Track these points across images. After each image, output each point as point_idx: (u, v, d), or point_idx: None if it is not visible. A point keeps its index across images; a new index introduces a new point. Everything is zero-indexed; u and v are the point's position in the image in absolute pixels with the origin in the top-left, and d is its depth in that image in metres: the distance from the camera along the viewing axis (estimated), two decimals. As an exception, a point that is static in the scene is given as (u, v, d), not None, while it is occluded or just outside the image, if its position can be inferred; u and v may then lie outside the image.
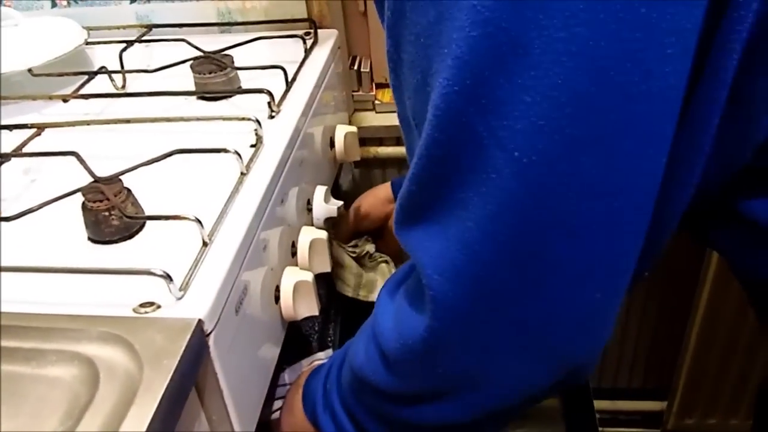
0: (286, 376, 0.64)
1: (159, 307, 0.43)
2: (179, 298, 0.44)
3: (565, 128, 0.31)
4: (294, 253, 0.63)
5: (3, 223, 0.52)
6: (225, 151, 0.56)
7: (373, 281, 0.82)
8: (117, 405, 0.36)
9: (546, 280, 0.35)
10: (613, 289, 0.37)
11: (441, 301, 0.37)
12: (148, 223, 0.52)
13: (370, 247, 0.83)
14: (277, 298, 0.57)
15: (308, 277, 0.58)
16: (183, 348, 0.39)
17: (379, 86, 0.98)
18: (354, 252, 0.81)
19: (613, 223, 0.34)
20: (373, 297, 0.80)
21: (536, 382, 0.41)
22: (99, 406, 0.36)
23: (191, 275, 0.46)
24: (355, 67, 0.95)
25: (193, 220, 0.48)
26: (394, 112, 0.96)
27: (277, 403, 0.63)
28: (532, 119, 0.31)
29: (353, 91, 0.96)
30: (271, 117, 0.66)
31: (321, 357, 0.66)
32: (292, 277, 0.57)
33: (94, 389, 0.37)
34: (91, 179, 0.53)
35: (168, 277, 0.43)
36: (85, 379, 0.38)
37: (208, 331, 0.43)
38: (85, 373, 0.38)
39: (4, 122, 0.66)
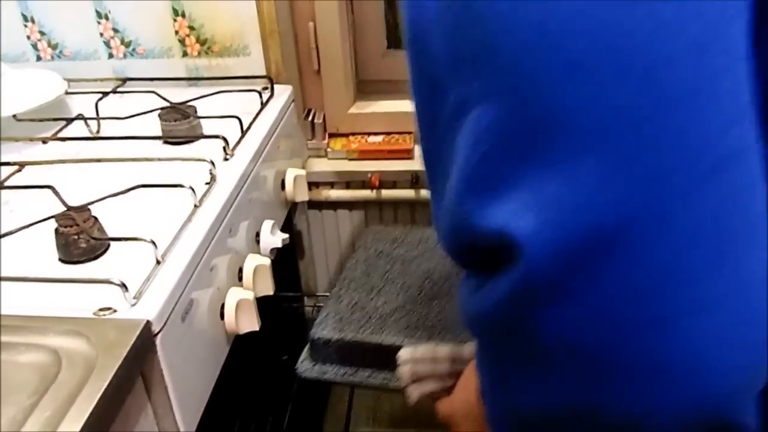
0: (465, 351, 0.58)
1: (115, 311, 0.52)
2: (133, 305, 0.53)
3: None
4: (241, 277, 0.72)
5: (-15, 244, 0.61)
6: (181, 186, 0.66)
7: None
8: (75, 383, 0.44)
9: (687, 227, 0.27)
10: (757, 257, 0.27)
11: (537, 254, 0.28)
12: (112, 246, 0.61)
13: None
14: (223, 315, 0.66)
15: (249, 296, 0.67)
16: (132, 341, 0.48)
17: (332, 136, 1.09)
18: None
19: (745, 150, 0.27)
20: None
21: (654, 418, 0.29)
22: (61, 384, 0.44)
23: (144, 287, 0.55)
24: (310, 119, 1.06)
25: (148, 241, 0.58)
26: (344, 159, 1.07)
27: (443, 382, 0.58)
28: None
29: (308, 140, 1.07)
30: (226, 159, 0.76)
31: None
32: (236, 295, 0.66)
33: (57, 372, 0.45)
34: (64, 208, 0.62)
35: (124, 286, 0.52)
36: (50, 364, 0.46)
37: (156, 332, 0.52)
38: (50, 360, 0.46)
39: (-11, 160, 0.76)
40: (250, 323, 0.67)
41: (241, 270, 0.72)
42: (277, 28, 0.95)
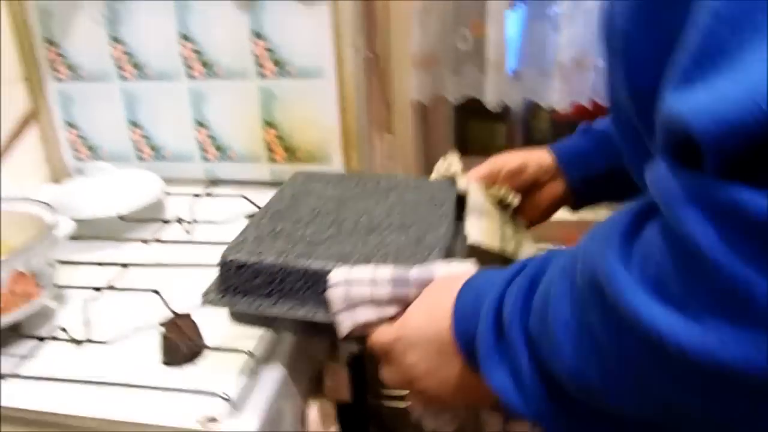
0: (412, 273, 0.51)
1: (218, 421, 0.56)
2: (234, 416, 0.57)
3: None
4: (320, 383, 0.75)
5: (96, 345, 0.67)
6: (274, 297, 0.71)
7: (522, 239, 0.70)
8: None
9: None
10: None
11: None
12: (210, 351, 0.66)
13: (514, 200, 0.71)
14: (303, 422, 0.69)
15: (329, 406, 0.70)
16: (236, 456, 0.51)
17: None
18: (497, 196, 0.70)
19: None
20: (523, 256, 0.66)
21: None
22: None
23: (244, 398, 0.59)
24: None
25: (246, 353, 0.62)
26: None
27: (381, 310, 0.51)
28: None
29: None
30: (311, 267, 0.81)
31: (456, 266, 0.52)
32: (317, 407, 0.70)
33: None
34: (170, 314, 0.67)
35: (228, 399, 0.56)
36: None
37: (253, 444, 0.55)
38: (162, 470, 0.50)
39: (96, 260, 0.83)
40: (330, 432, 0.70)
41: (320, 374, 0.76)
42: (356, 140, 1.02)
